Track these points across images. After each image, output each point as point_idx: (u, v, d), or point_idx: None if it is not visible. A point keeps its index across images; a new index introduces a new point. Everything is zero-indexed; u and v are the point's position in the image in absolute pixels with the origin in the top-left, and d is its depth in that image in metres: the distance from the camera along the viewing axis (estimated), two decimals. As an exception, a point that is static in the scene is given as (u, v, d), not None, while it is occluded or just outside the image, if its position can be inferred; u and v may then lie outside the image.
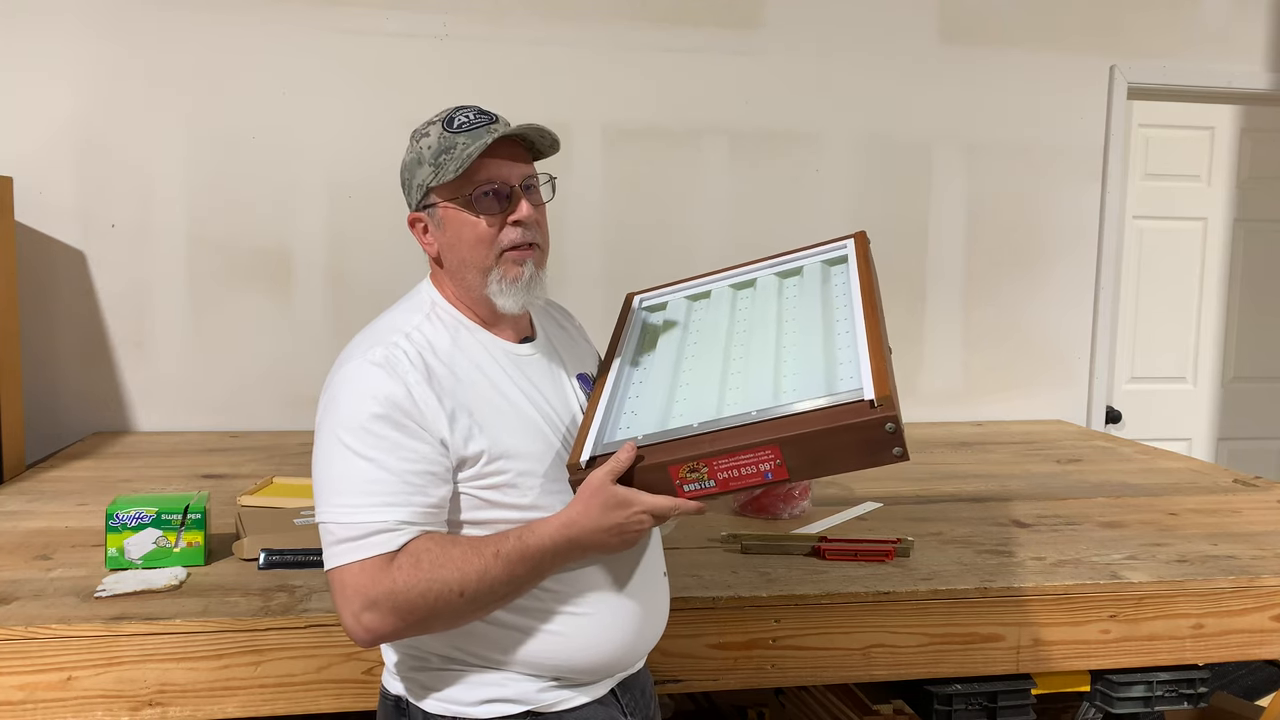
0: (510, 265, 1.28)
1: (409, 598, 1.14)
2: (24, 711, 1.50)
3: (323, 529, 1.19)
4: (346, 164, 3.08)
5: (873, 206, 3.40)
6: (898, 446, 1.16)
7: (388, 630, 1.16)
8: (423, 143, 1.29)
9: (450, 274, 1.32)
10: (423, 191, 1.29)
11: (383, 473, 1.16)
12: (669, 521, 1.26)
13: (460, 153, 1.25)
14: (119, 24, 2.95)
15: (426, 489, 1.18)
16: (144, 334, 3.05)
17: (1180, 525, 2.19)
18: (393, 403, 1.18)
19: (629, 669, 1.37)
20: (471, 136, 1.26)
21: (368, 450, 1.17)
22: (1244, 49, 3.57)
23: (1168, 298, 3.74)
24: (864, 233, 1.60)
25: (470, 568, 1.16)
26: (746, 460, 1.19)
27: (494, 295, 1.29)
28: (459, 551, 1.17)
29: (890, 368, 1.24)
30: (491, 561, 1.17)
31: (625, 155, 3.24)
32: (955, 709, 1.78)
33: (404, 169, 1.32)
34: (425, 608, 1.15)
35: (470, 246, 1.28)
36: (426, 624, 1.18)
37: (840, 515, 2.21)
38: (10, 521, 2.11)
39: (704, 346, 1.46)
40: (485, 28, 3.12)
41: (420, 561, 1.15)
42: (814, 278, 1.54)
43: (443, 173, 1.26)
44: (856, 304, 1.38)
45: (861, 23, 3.34)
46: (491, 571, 1.17)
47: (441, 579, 1.15)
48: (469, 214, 1.27)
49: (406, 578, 1.14)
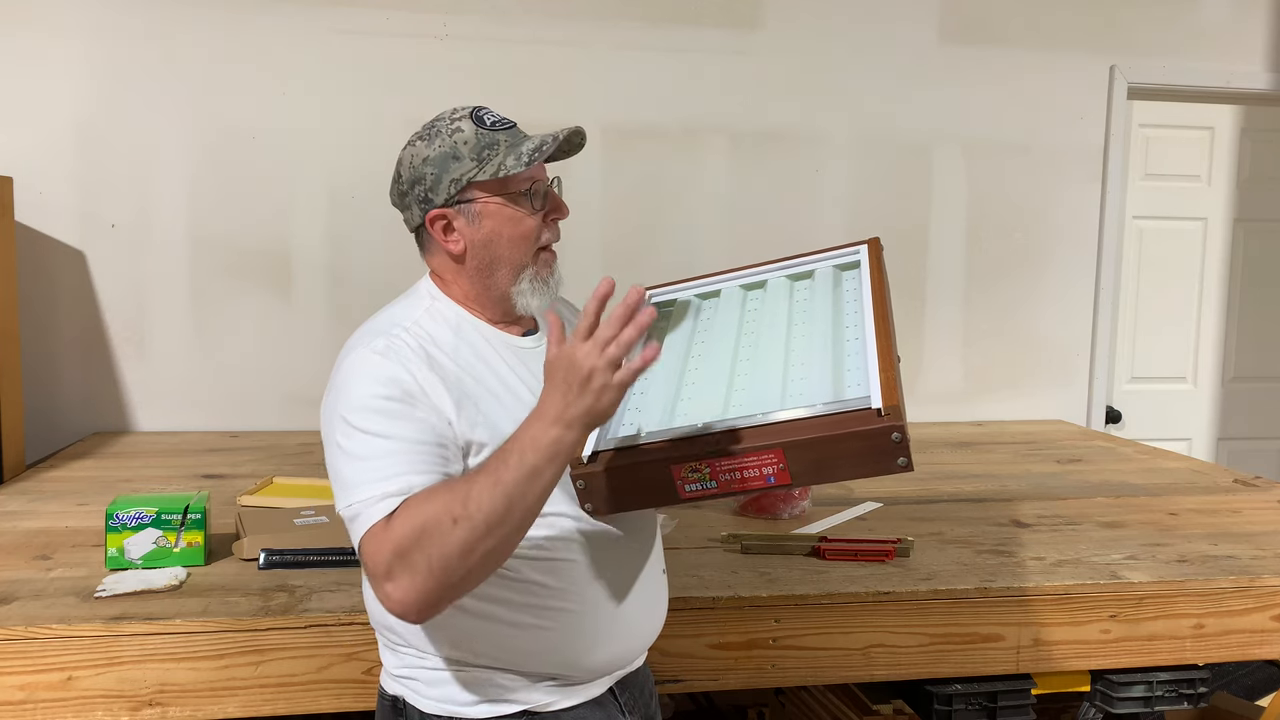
0: (544, 264, 1.31)
1: (404, 545, 1.08)
2: (24, 711, 1.50)
3: (342, 513, 1.16)
4: (347, 164, 3.08)
5: (872, 206, 3.40)
6: (903, 456, 1.15)
7: (413, 595, 1.09)
8: (455, 137, 1.27)
9: (472, 271, 1.30)
10: (459, 186, 1.26)
11: (393, 444, 1.15)
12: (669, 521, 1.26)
13: (515, 149, 1.26)
14: (119, 24, 2.95)
15: (434, 460, 1.16)
16: (144, 334, 3.05)
17: (1180, 525, 2.19)
18: (398, 384, 1.18)
19: (628, 667, 1.37)
20: (512, 135, 1.28)
21: (375, 428, 1.16)
22: (1244, 49, 3.57)
23: (1168, 298, 3.74)
24: (878, 239, 1.58)
25: (455, 492, 1.10)
26: (750, 463, 1.19)
27: (520, 294, 1.30)
28: (443, 485, 1.12)
29: (899, 377, 1.23)
30: (476, 476, 1.10)
31: (625, 155, 3.24)
32: (955, 709, 1.78)
33: (421, 164, 1.28)
34: (428, 547, 1.08)
35: (511, 242, 1.29)
36: (440, 573, 1.08)
37: (840, 515, 2.21)
38: (10, 521, 2.11)
39: (712, 345, 1.45)
40: (486, 28, 3.12)
41: (409, 506, 1.10)
42: (825, 282, 1.53)
43: (489, 167, 1.25)
44: (868, 310, 1.37)
45: (861, 23, 3.34)
46: (477, 488, 1.09)
47: (427, 512, 1.09)
48: (519, 210, 1.28)
49: (400, 527, 1.09)
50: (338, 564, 1.81)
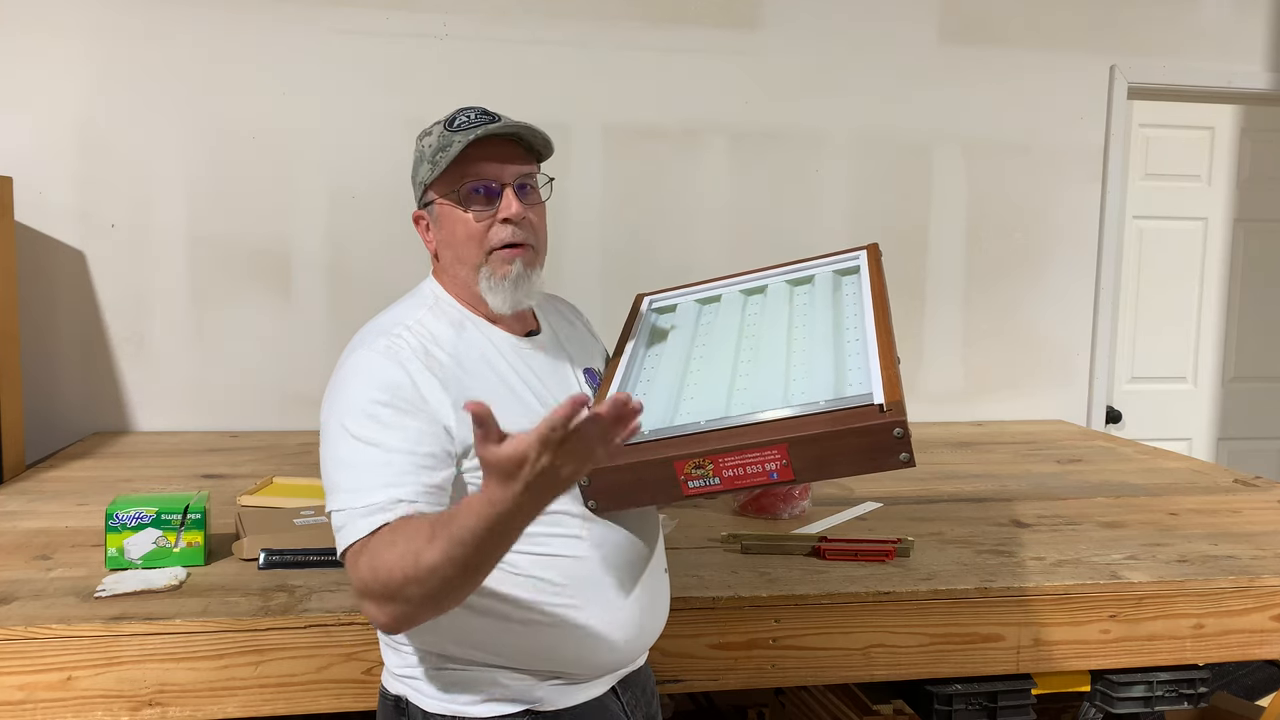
0: (499, 263, 1.30)
1: (378, 579, 1.08)
2: (24, 711, 1.50)
3: (331, 517, 1.17)
4: (346, 164, 3.08)
5: (873, 206, 3.40)
6: (904, 452, 1.15)
7: (385, 619, 1.09)
8: (424, 142, 1.33)
9: (447, 270, 1.35)
10: (422, 189, 1.34)
11: (386, 454, 1.16)
12: (669, 520, 1.26)
13: (454, 150, 1.28)
14: (119, 24, 2.95)
15: (428, 470, 1.17)
16: (144, 334, 3.05)
17: (1180, 525, 2.19)
18: (396, 389, 1.19)
19: (629, 666, 1.37)
20: (466, 135, 1.28)
21: (371, 435, 1.17)
22: (1244, 49, 3.57)
23: (1168, 298, 3.74)
24: (876, 245, 1.60)
25: (421, 531, 1.06)
26: (753, 459, 1.19)
27: (484, 292, 1.31)
28: (418, 524, 1.09)
29: (899, 375, 1.24)
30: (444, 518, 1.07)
31: (625, 155, 3.24)
32: (955, 709, 1.78)
33: (412, 169, 1.37)
34: (407, 592, 1.06)
35: (461, 243, 1.30)
36: (415, 603, 1.08)
37: (840, 515, 2.21)
38: (10, 521, 2.11)
39: (713, 348, 1.46)
40: (486, 28, 3.12)
41: (386, 544, 1.09)
42: (825, 286, 1.54)
43: (436, 169, 1.29)
44: (868, 313, 1.39)
45: (861, 22, 3.34)
46: (433, 552, 1.04)
47: (402, 549, 1.07)
48: (460, 210, 1.30)
49: (377, 557, 1.08)
50: (338, 564, 1.79)
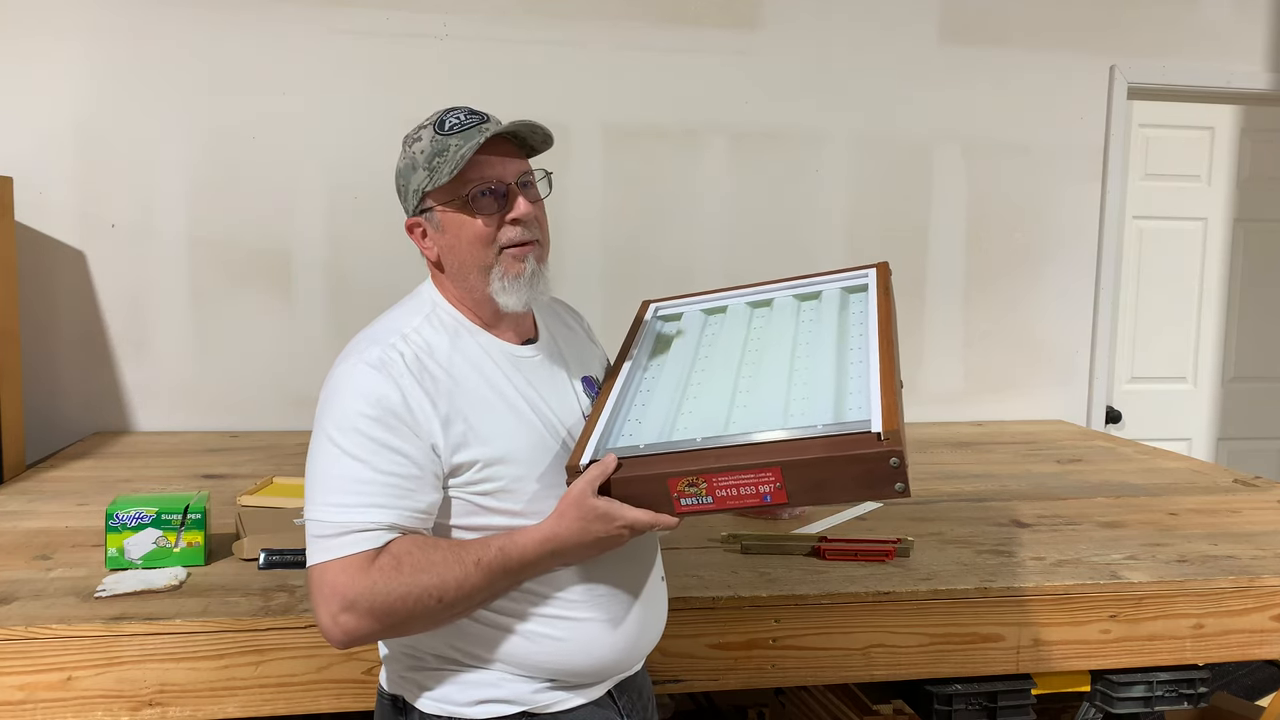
0: (511, 262, 1.27)
1: (388, 601, 1.14)
2: (24, 711, 1.50)
3: (308, 525, 1.19)
4: (347, 164, 3.08)
5: (872, 206, 3.40)
6: (900, 482, 1.15)
7: (364, 632, 1.15)
8: (415, 147, 1.28)
9: (452, 276, 1.31)
10: (419, 197, 1.28)
11: (371, 473, 1.16)
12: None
13: (453, 154, 1.24)
14: (119, 24, 2.95)
15: (414, 493, 1.18)
16: (144, 334, 3.05)
17: (1180, 525, 2.19)
18: (385, 405, 1.18)
19: (626, 671, 1.37)
20: (463, 138, 1.25)
21: (357, 450, 1.17)
22: (1244, 49, 3.57)
23: (1168, 298, 3.74)
24: (886, 263, 1.58)
25: (450, 575, 1.16)
26: (747, 480, 1.18)
27: (497, 294, 1.28)
28: (440, 556, 1.17)
29: (900, 402, 1.22)
30: (472, 570, 1.17)
31: (625, 155, 3.24)
32: (955, 709, 1.78)
33: (398, 175, 1.31)
34: (404, 611, 1.15)
35: (469, 247, 1.27)
36: (403, 627, 1.18)
37: (840, 515, 2.21)
38: (10, 521, 2.11)
39: (715, 361, 1.45)
40: (485, 28, 3.12)
41: (401, 564, 1.15)
42: (832, 304, 1.52)
43: (437, 176, 1.25)
44: (872, 334, 1.37)
45: (861, 22, 3.34)
46: (471, 580, 1.17)
47: (421, 584, 1.15)
48: (466, 215, 1.26)
49: (386, 580, 1.14)
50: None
